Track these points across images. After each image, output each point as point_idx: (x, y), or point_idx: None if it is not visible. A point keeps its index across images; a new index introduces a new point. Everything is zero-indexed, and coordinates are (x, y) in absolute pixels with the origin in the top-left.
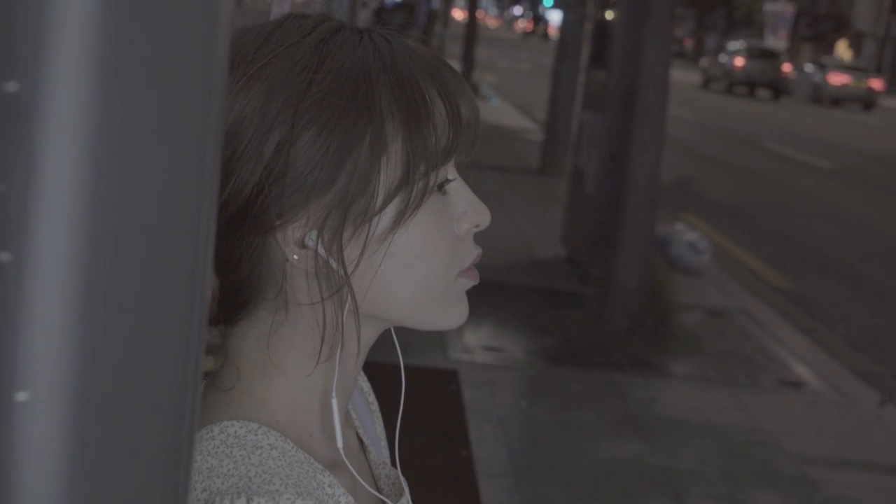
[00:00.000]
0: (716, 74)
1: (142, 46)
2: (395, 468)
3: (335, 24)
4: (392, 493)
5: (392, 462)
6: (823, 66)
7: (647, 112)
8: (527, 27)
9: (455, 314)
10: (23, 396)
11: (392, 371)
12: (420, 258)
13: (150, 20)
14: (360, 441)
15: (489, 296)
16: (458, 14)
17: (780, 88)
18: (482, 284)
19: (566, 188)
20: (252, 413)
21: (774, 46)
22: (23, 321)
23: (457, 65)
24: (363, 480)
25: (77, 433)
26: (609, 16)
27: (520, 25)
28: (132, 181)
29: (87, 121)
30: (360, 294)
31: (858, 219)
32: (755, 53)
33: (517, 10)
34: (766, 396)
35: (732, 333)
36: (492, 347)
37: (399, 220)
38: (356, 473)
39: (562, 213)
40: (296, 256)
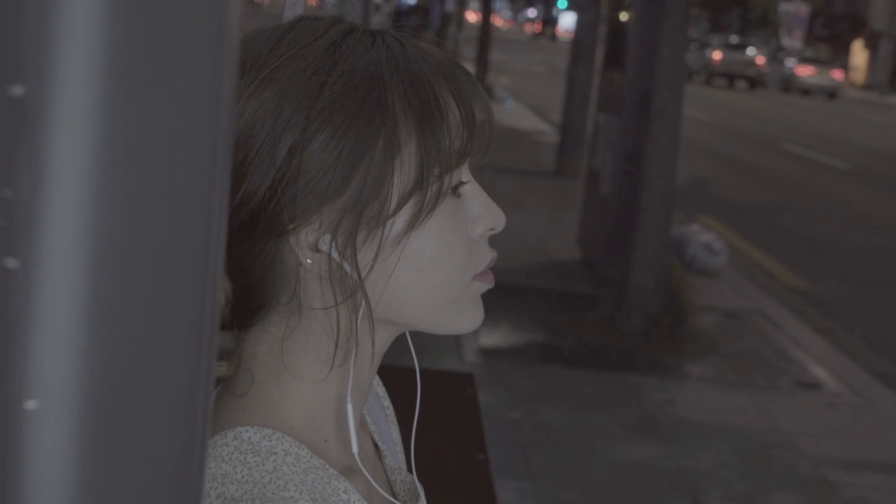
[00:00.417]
0: (696, 68)
1: (149, 49)
2: (411, 473)
3: (347, 27)
4: (408, 499)
5: (408, 467)
6: (792, 59)
7: (663, 113)
8: (536, 29)
9: (470, 318)
10: (32, 405)
11: (407, 375)
12: (435, 262)
13: (158, 23)
14: (376, 446)
15: (505, 298)
16: (472, 16)
17: (755, 80)
18: (497, 287)
19: (581, 190)
20: (266, 418)
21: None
22: (31, 328)
23: (471, 67)
24: (379, 485)
25: (87, 441)
26: (624, 17)
27: (529, 27)
28: (140, 185)
29: (94, 125)
30: (375, 298)
31: (875, 219)
32: (732, 47)
33: (531, 13)
34: (784, 398)
35: (749, 335)
36: (508, 350)
37: (413, 224)
38: (371, 479)
39: (577, 215)
40: (309, 260)
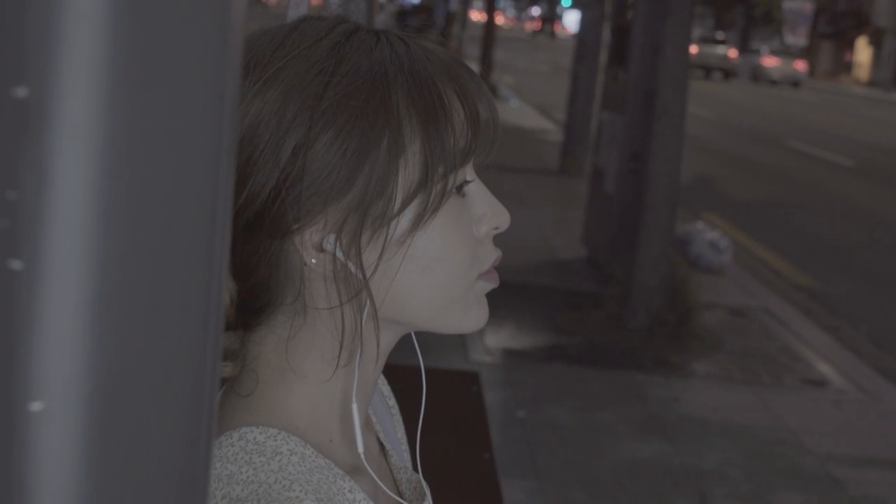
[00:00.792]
0: None
1: (152, 50)
2: (417, 472)
3: (351, 27)
4: (414, 498)
5: (413, 466)
6: (758, 51)
7: (667, 111)
8: (535, 26)
9: (475, 317)
10: (37, 406)
11: (413, 374)
12: (439, 261)
13: (161, 24)
14: (381, 445)
15: (510, 297)
16: (476, 15)
17: (729, 71)
18: (502, 286)
19: (586, 188)
20: (271, 418)
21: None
22: (36, 330)
23: (475, 66)
24: (385, 484)
25: (92, 442)
26: (628, 15)
27: (529, 25)
28: (144, 186)
29: (98, 126)
30: (379, 298)
31: (880, 216)
32: (708, 41)
33: (535, 11)
34: (790, 395)
35: (754, 332)
36: (513, 349)
37: (418, 223)
38: (377, 478)
39: (582, 214)
40: (314, 260)
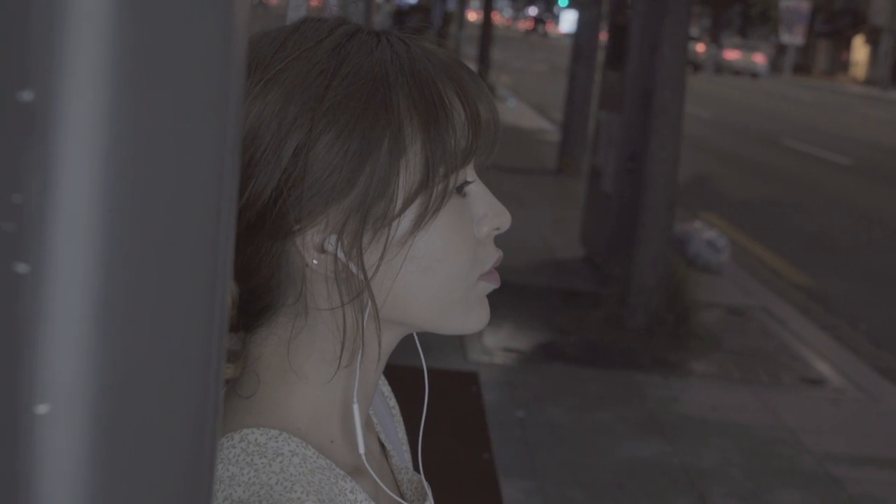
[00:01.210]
0: None
1: (157, 53)
2: (418, 472)
3: (352, 28)
4: (415, 498)
5: (415, 466)
6: (721, 46)
7: (665, 111)
8: (528, 26)
9: (476, 318)
10: (43, 409)
11: (413, 374)
12: (440, 261)
13: (165, 27)
14: (382, 446)
15: (508, 297)
16: (473, 15)
17: (697, 64)
18: (501, 286)
19: (584, 188)
20: (273, 420)
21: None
22: (41, 332)
23: (473, 66)
24: (386, 485)
25: (97, 444)
26: (625, 15)
27: (522, 25)
28: (149, 189)
29: (103, 129)
30: (381, 298)
31: (878, 214)
32: None
33: (532, 11)
34: (788, 394)
35: (753, 331)
36: (512, 349)
37: (419, 224)
38: (378, 479)
39: (580, 214)
40: (315, 261)
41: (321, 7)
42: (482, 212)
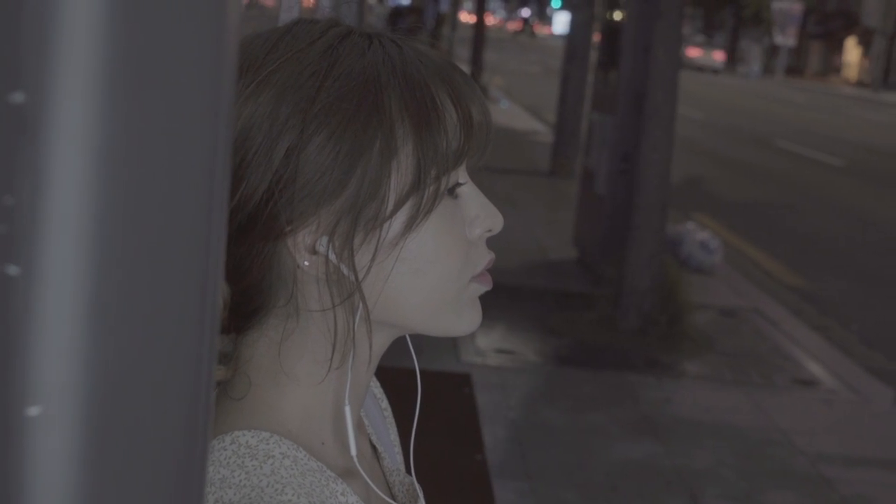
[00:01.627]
0: None
1: (148, 55)
2: (410, 474)
3: (344, 29)
4: (407, 500)
5: (406, 468)
6: (685, 43)
7: (657, 112)
8: (517, 27)
9: (468, 320)
10: (34, 411)
11: (405, 376)
12: (432, 263)
13: (156, 29)
14: (374, 448)
15: (501, 298)
16: (466, 17)
17: None
18: (494, 287)
19: (577, 190)
20: (264, 422)
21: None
22: (33, 334)
23: (466, 67)
24: (378, 487)
25: (89, 447)
26: (617, 16)
27: (511, 25)
28: (140, 191)
29: (94, 131)
30: (372, 300)
31: (870, 215)
32: None
33: (525, 12)
34: (781, 395)
35: (745, 333)
36: (504, 350)
37: (410, 225)
38: (370, 481)
39: (573, 215)
40: (306, 263)
41: (314, 8)
42: (474, 213)
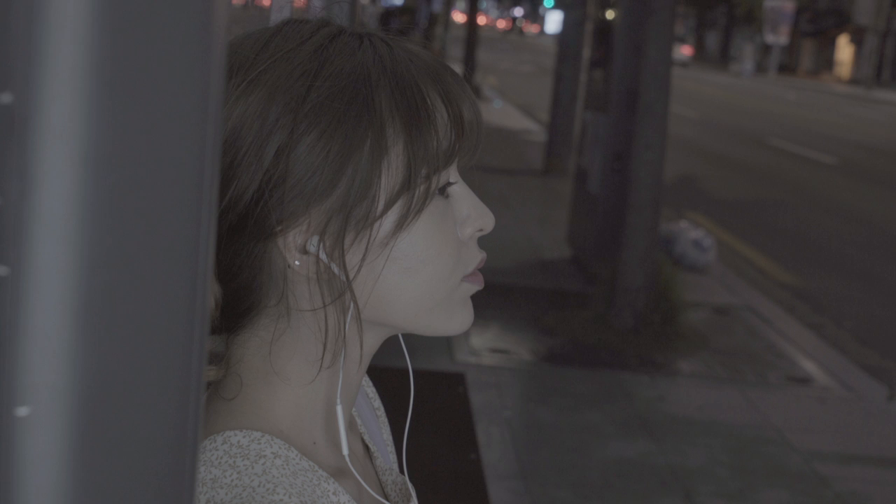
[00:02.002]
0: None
1: (136, 56)
2: (403, 474)
3: (335, 29)
4: (399, 499)
5: (399, 468)
6: None
7: (650, 111)
8: (507, 26)
9: (460, 319)
10: (23, 411)
11: (398, 376)
12: (423, 263)
13: (144, 30)
14: (366, 447)
15: (495, 298)
16: (459, 16)
17: None
18: (488, 286)
19: (570, 188)
20: (255, 422)
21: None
22: (22, 335)
23: (458, 67)
24: (370, 486)
25: (78, 447)
26: (610, 15)
27: (500, 24)
28: (129, 191)
29: (83, 131)
30: (363, 300)
31: (863, 213)
32: None
33: (518, 11)
34: (774, 393)
35: (739, 331)
36: (498, 349)
37: (401, 225)
38: (362, 480)
39: (566, 214)
40: (297, 262)
41: (305, 9)
42: (465, 213)
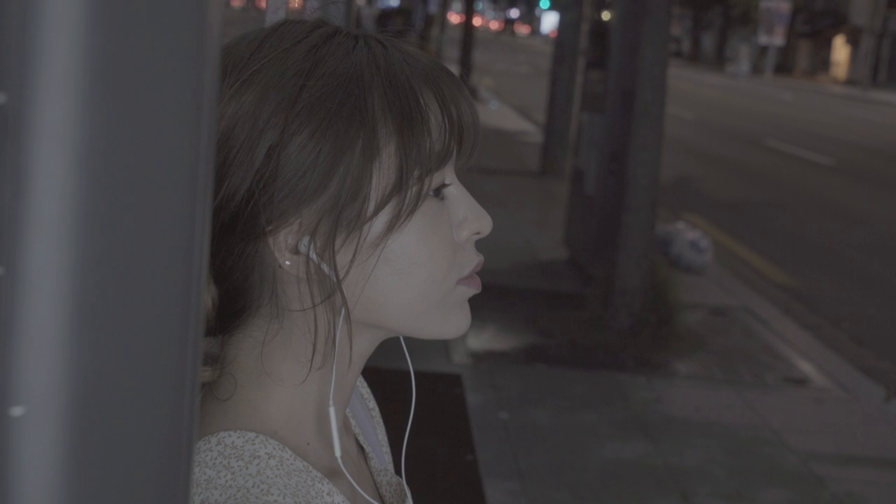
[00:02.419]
0: None
1: (130, 56)
2: (400, 475)
3: (330, 30)
4: (394, 500)
5: (397, 469)
6: None
7: (646, 112)
8: (499, 27)
9: (455, 323)
10: (18, 411)
11: (395, 377)
12: (416, 265)
13: (138, 31)
14: (361, 448)
15: (492, 299)
16: (454, 18)
17: None
18: (484, 288)
19: (567, 190)
20: (249, 422)
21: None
22: (16, 334)
23: (455, 69)
24: (364, 487)
25: (73, 447)
26: (606, 16)
27: (493, 25)
28: (123, 192)
29: (76, 131)
30: (353, 300)
31: (860, 214)
32: None
33: (514, 13)
34: (771, 394)
35: (736, 332)
36: (495, 350)
37: (392, 226)
38: (354, 481)
39: (563, 215)
40: (288, 262)
41: (301, 10)
42: (462, 215)
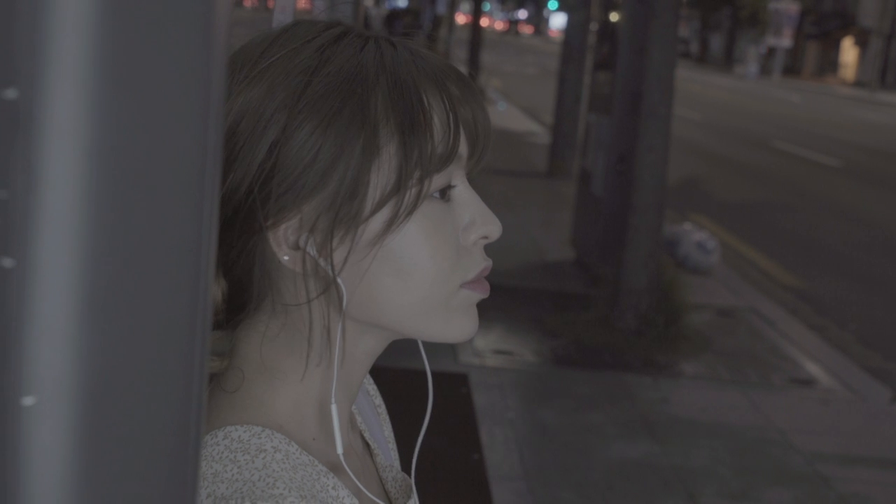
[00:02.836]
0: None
1: (140, 52)
2: (409, 473)
3: (341, 30)
4: (400, 496)
5: (407, 468)
6: None
7: (654, 113)
8: (504, 27)
9: (459, 327)
10: (29, 401)
11: (404, 376)
12: (415, 265)
13: (148, 26)
14: (367, 444)
15: (499, 299)
16: (462, 18)
17: None
18: (492, 288)
19: (574, 190)
20: (255, 416)
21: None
22: (27, 326)
23: (463, 70)
24: (369, 483)
25: (83, 437)
26: (614, 17)
27: (498, 26)
28: (132, 186)
29: (87, 126)
30: (350, 298)
31: (867, 215)
32: None
33: (521, 14)
34: (778, 395)
35: (742, 332)
36: (502, 351)
37: (390, 226)
38: (355, 478)
39: (570, 216)
40: (286, 257)
41: (309, 10)
42: (469, 219)
